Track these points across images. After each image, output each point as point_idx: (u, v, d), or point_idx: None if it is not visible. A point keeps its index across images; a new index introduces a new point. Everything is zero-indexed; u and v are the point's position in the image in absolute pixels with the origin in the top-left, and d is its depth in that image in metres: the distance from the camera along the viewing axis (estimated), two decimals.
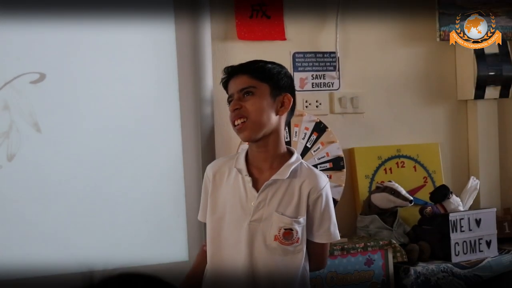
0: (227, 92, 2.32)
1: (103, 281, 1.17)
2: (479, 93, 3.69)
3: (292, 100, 2.30)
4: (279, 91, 2.28)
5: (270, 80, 2.26)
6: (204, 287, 2.40)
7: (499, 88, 3.70)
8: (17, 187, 2.91)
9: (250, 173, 2.27)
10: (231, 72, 2.31)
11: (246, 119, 2.22)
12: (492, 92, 3.70)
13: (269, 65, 2.30)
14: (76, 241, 2.98)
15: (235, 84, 2.27)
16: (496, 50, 3.66)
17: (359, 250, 3.12)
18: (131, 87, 3.08)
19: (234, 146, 3.22)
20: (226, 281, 2.29)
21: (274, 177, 2.25)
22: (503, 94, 3.72)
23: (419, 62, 3.72)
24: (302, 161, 2.33)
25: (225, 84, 2.33)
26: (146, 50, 3.10)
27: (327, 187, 2.30)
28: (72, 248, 2.96)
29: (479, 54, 3.63)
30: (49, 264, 2.91)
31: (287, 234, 2.23)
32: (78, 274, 2.93)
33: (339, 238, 2.37)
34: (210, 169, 2.38)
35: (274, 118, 2.26)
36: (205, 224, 2.89)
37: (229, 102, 2.29)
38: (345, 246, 3.09)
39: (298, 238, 2.24)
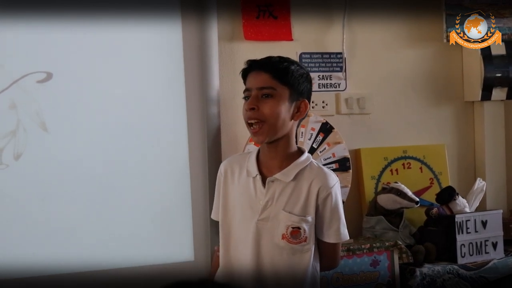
0: (245, 84, 2.28)
1: None
2: (486, 95, 3.68)
3: (308, 106, 2.28)
4: (298, 96, 2.25)
5: (291, 84, 2.22)
6: None
7: (506, 89, 3.69)
8: (23, 186, 2.91)
9: (261, 173, 2.27)
10: (253, 66, 2.26)
11: (263, 123, 2.20)
12: (499, 93, 3.69)
13: (293, 67, 2.24)
14: (82, 240, 2.98)
15: (255, 80, 2.23)
16: (503, 52, 3.65)
17: (365, 251, 3.11)
18: (138, 86, 3.08)
19: (240, 146, 3.21)
20: (234, 280, 2.29)
21: (277, 175, 2.25)
22: (510, 96, 3.71)
23: (426, 63, 3.71)
24: (312, 160, 2.32)
25: (244, 75, 2.28)
26: (152, 49, 3.10)
27: (337, 186, 2.29)
28: (77, 247, 2.97)
29: (486, 56, 3.62)
30: (54, 263, 2.92)
31: (295, 232, 2.22)
32: (83, 274, 2.94)
33: (348, 238, 2.36)
34: (222, 166, 2.38)
35: (289, 122, 2.24)
36: (211, 223, 2.89)
37: (245, 95, 2.25)
38: (351, 247, 3.09)
39: (306, 237, 2.23)
